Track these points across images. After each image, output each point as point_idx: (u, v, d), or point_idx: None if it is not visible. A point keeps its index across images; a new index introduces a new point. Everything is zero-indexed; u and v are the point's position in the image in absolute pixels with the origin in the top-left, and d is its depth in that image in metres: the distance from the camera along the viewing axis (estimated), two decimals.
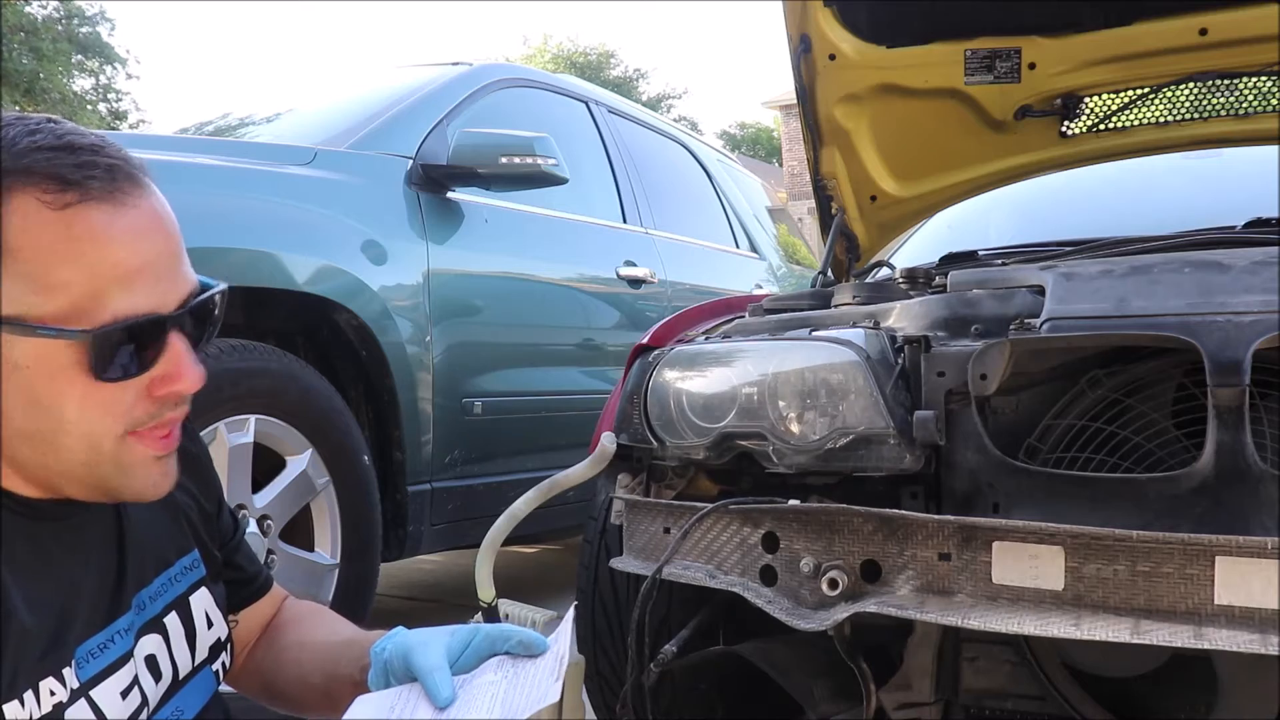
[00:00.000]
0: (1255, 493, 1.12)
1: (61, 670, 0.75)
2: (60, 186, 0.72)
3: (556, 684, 0.81)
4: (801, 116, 2.29)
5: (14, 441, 0.75)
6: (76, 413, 0.74)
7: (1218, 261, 1.29)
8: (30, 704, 0.72)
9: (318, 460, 2.22)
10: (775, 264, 4.76)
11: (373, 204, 2.48)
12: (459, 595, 3.38)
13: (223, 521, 1.03)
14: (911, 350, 1.34)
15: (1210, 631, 1.03)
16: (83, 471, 0.77)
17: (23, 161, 0.72)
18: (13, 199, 0.71)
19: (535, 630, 1.46)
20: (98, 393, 0.75)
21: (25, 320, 0.71)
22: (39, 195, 0.71)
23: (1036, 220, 2.59)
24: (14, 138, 0.73)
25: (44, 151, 0.73)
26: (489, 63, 3.23)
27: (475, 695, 0.82)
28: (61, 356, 0.73)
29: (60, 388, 0.73)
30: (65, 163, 0.73)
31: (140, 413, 0.78)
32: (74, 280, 0.72)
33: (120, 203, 0.74)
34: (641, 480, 1.58)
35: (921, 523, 1.17)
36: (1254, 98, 2.25)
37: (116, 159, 0.76)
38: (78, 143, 0.75)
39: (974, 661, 1.51)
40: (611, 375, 3.08)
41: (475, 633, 0.89)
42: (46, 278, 0.71)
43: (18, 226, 0.71)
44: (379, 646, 0.91)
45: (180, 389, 0.79)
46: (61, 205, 0.72)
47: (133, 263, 0.74)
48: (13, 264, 0.71)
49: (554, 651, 0.86)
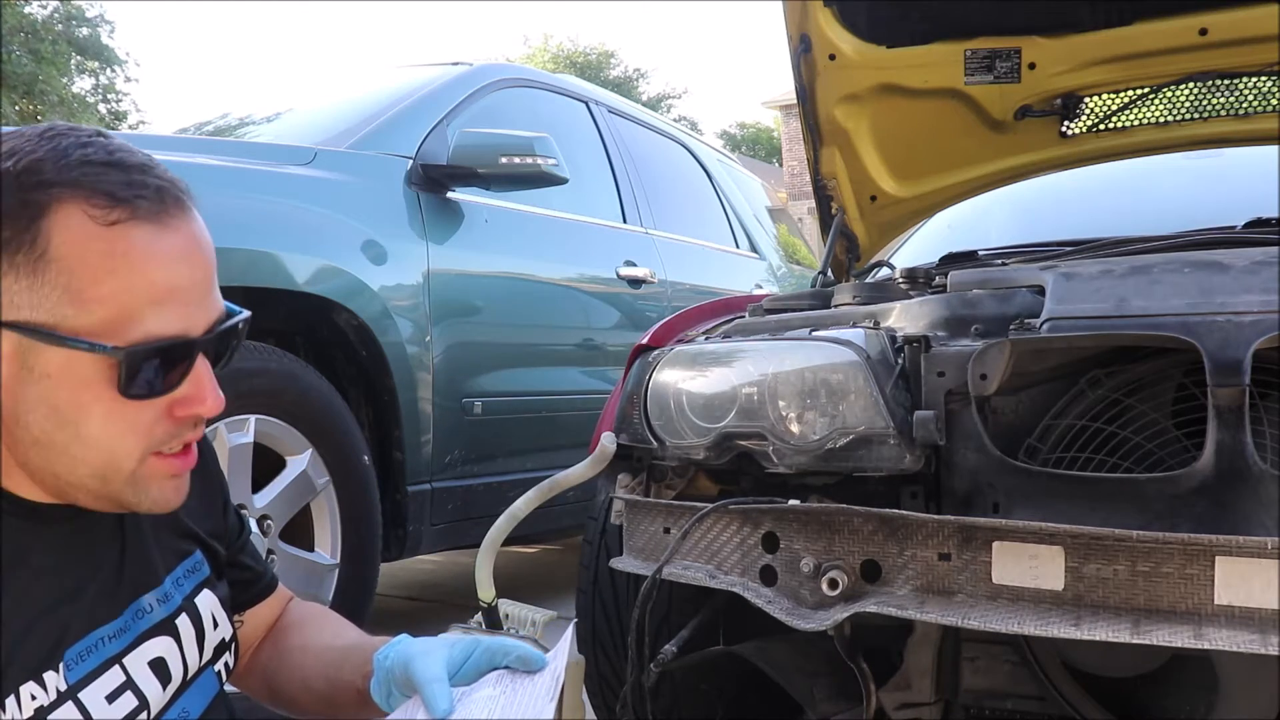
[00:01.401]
0: (1255, 493, 1.12)
1: (44, 673, 0.75)
2: (109, 203, 0.73)
3: (551, 704, 0.82)
4: (801, 116, 2.29)
5: (27, 447, 0.75)
6: (99, 428, 0.75)
7: (1218, 261, 1.29)
8: (12, 708, 0.72)
9: (318, 460, 2.22)
10: (775, 264, 4.76)
11: (373, 204, 2.48)
12: (459, 595, 3.38)
13: (229, 521, 1.03)
14: (911, 350, 1.34)
15: (1210, 631, 1.03)
16: (95, 484, 0.78)
17: (73, 174, 0.72)
18: (61, 209, 0.72)
19: (535, 630, 1.46)
20: (121, 409, 0.75)
21: (58, 330, 0.72)
22: (87, 209, 0.72)
23: (1036, 220, 2.59)
24: (65, 149, 0.74)
25: (95, 166, 0.73)
26: (489, 63, 3.23)
27: (472, 709, 0.83)
28: (89, 370, 0.73)
29: (84, 401, 0.74)
30: (115, 180, 0.74)
31: (160, 432, 0.78)
32: (111, 296, 0.72)
33: (165, 225, 0.75)
34: (641, 480, 1.58)
35: (921, 523, 1.17)
36: (1254, 98, 2.25)
37: (165, 180, 0.77)
38: (128, 160, 0.75)
39: (974, 661, 1.51)
40: (611, 375, 3.08)
41: (475, 645, 0.89)
42: (84, 291, 0.72)
43: (62, 237, 0.71)
44: (382, 654, 0.91)
45: (201, 412, 0.80)
46: (108, 222, 0.72)
47: (169, 285, 0.75)
48: (53, 273, 0.71)
49: (550, 670, 0.87)
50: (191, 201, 0.79)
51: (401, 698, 0.88)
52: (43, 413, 0.74)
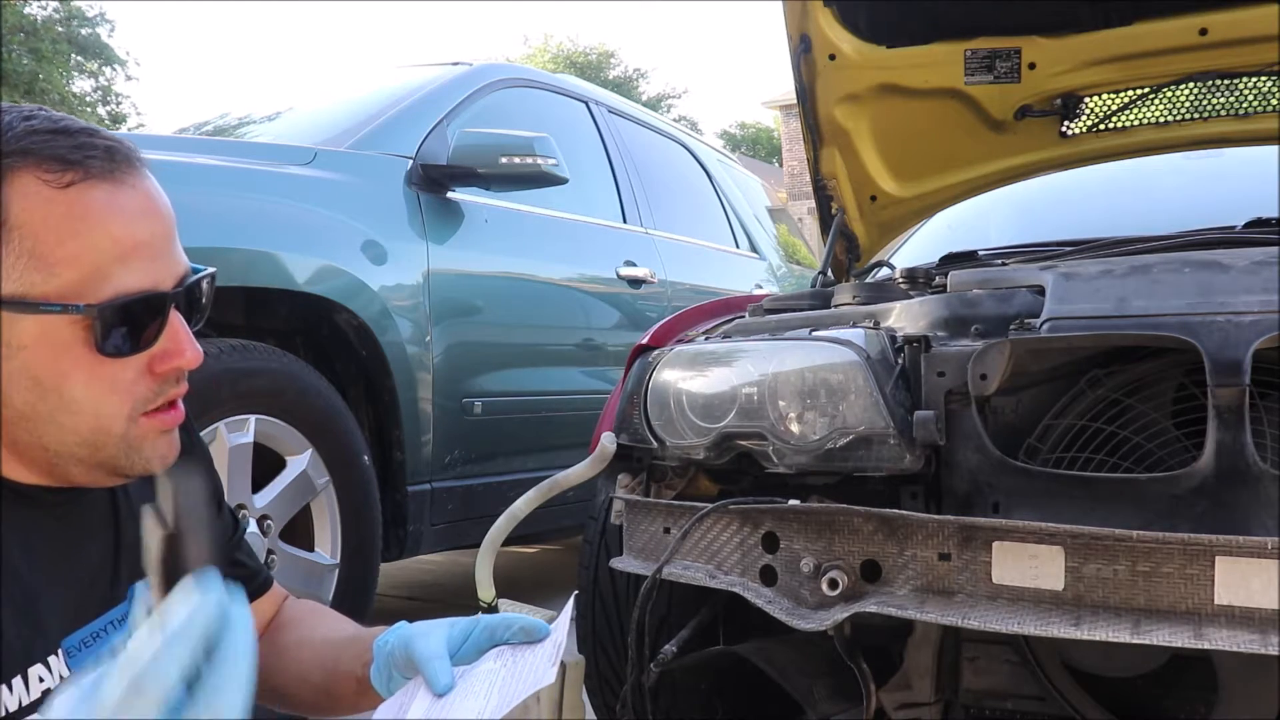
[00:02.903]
0: (1255, 493, 1.12)
1: (48, 658, 0.76)
2: (61, 166, 0.73)
3: (553, 669, 0.82)
4: (801, 116, 2.29)
5: (14, 424, 0.75)
6: (82, 392, 0.75)
7: (1218, 261, 1.29)
8: (19, 690, 0.72)
9: (318, 460, 2.21)
10: (775, 264, 4.76)
11: (373, 204, 2.48)
12: (459, 595, 3.38)
13: (223, 520, 1.03)
14: (911, 350, 1.34)
15: (1210, 631, 1.03)
16: (85, 453, 0.77)
17: (21, 144, 0.73)
18: (14, 179, 0.72)
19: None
20: (101, 369, 0.75)
21: (28, 298, 0.72)
22: (40, 175, 0.73)
23: (1036, 220, 2.58)
24: (10, 123, 0.74)
25: (41, 135, 0.74)
26: (489, 63, 3.23)
27: (474, 683, 0.83)
28: (64, 334, 0.74)
29: (64, 368, 0.74)
30: (64, 144, 0.74)
31: (143, 390, 0.78)
32: (76, 257, 0.73)
33: (120, 182, 0.76)
34: (641, 480, 1.58)
35: (921, 523, 1.17)
36: (1254, 98, 2.25)
37: (112, 141, 0.78)
38: (73, 126, 0.76)
39: (974, 661, 1.51)
40: (611, 375, 3.08)
41: (475, 624, 0.89)
42: (49, 255, 0.72)
43: (19, 206, 0.72)
44: (382, 640, 0.91)
45: (181, 364, 0.80)
46: (63, 184, 0.73)
47: (132, 240, 0.75)
48: (16, 242, 0.72)
49: (553, 639, 0.87)
50: (141, 161, 0.79)
51: (402, 680, 0.88)
52: (25, 385, 0.74)
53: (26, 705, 0.73)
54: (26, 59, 19.29)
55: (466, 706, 0.79)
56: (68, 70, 20.86)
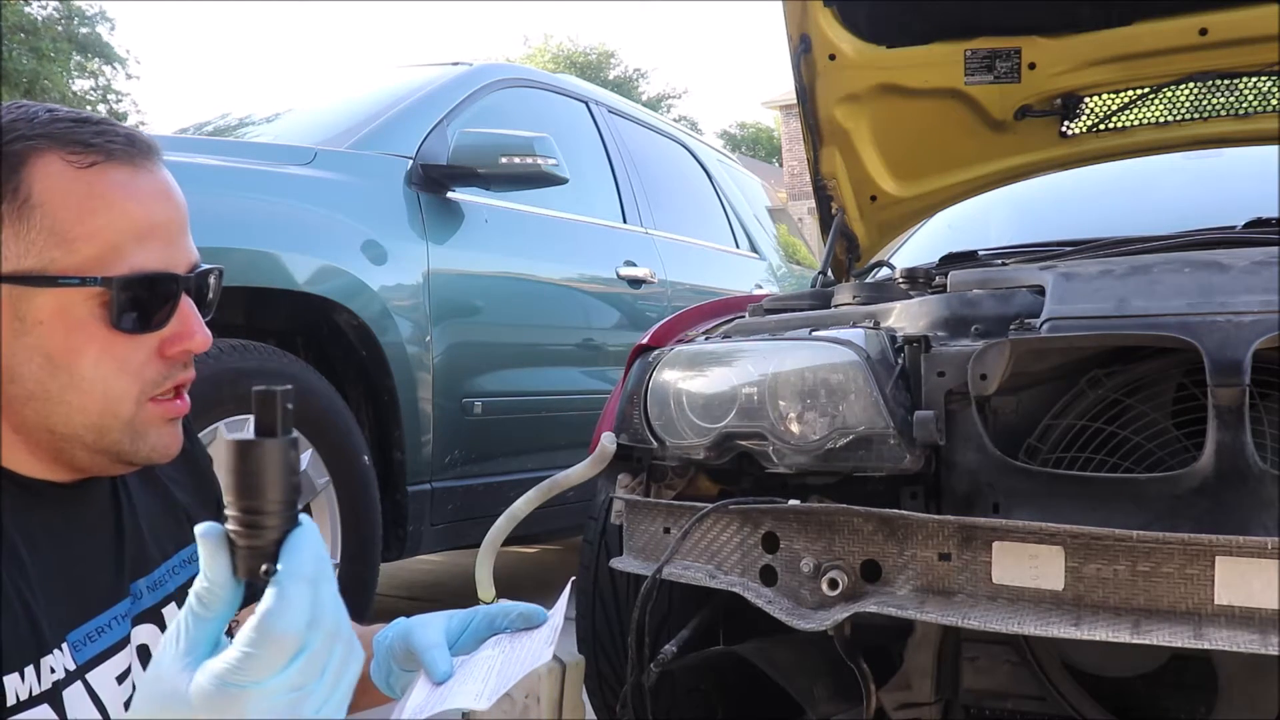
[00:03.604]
0: (1255, 493, 1.12)
1: (54, 650, 0.76)
2: (84, 149, 0.77)
3: (549, 648, 0.83)
4: (801, 116, 2.29)
5: (22, 404, 0.76)
6: (92, 369, 0.77)
7: (1218, 261, 1.29)
8: (30, 679, 0.73)
9: (318, 460, 2.21)
10: (775, 264, 4.76)
11: (373, 204, 2.48)
12: (459, 595, 3.38)
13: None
14: (911, 350, 1.34)
15: (1210, 631, 1.03)
16: (91, 436, 0.78)
17: (45, 129, 0.77)
18: (39, 159, 0.76)
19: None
20: (113, 347, 0.77)
21: (48, 273, 0.75)
22: (64, 156, 0.76)
23: (1036, 220, 2.59)
24: (34, 113, 0.78)
25: (64, 123, 0.78)
26: (489, 63, 3.23)
27: (472, 669, 0.83)
28: (81, 310, 0.76)
29: (77, 344, 0.76)
30: (87, 131, 0.78)
31: (152, 373, 0.80)
32: (95, 233, 0.76)
33: (139, 166, 0.80)
34: (641, 480, 1.58)
35: (921, 523, 1.17)
36: (1254, 98, 2.25)
37: (132, 131, 0.82)
38: (94, 118, 0.81)
39: (974, 661, 1.51)
40: (611, 375, 3.08)
41: (474, 615, 0.90)
42: (69, 231, 0.75)
43: (44, 184, 0.75)
44: (381, 635, 0.91)
45: (190, 346, 0.82)
46: (86, 165, 0.77)
47: (149, 221, 0.79)
48: (38, 218, 0.75)
49: (550, 623, 0.88)
50: (158, 153, 0.83)
51: (402, 673, 0.88)
52: (37, 363, 0.76)
53: (38, 694, 0.73)
54: (27, 58, 19.28)
55: (465, 690, 0.80)
56: (68, 69, 20.85)
